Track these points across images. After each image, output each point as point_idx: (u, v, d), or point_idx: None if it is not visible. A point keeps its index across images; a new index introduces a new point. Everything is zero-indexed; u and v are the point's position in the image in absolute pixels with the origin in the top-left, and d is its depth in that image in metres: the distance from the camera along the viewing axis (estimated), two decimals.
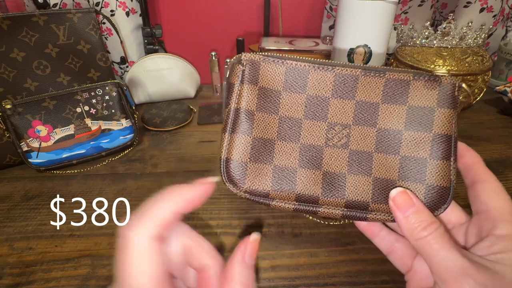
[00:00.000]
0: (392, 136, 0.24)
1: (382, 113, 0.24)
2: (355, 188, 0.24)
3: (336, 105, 0.24)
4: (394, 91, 0.24)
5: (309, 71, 0.24)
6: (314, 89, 0.24)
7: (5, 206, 0.44)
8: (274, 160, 0.24)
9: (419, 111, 0.23)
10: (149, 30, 0.76)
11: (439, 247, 0.19)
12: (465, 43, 0.64)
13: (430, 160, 0.23)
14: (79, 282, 0.34)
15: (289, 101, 0.24)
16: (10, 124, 0.47)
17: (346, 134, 0.24)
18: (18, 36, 0.46)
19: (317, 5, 0.82)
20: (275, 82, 0.24)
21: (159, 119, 0.65)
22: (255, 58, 0.24)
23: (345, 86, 0.24)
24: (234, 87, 0.24)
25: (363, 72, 0.24)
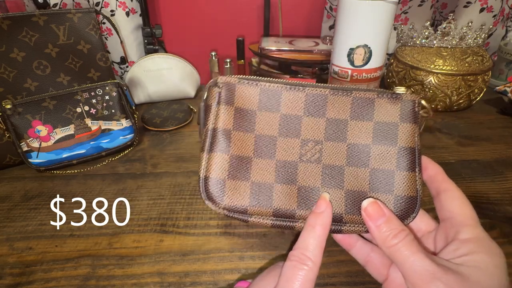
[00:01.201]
0: (362, 150, 0.25)
1: (351, 129, 0.25)
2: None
3: (308, 123, 0.25)
4: (361, 108, 0.25)
5: (281, 92, 0.25)
6: (287, 108, 0.25)
7: (5, 206, 0.44)
8: (251, 176, 0.25)
9: (384, 126, 0.25)
10: (149, 30, 0.76)
11: (409, 253, 0.21)
12: (465, 43, 0.64)
13: (397, 172, 0.24)
14: (79, 282, 0.34)
15: (264, 120, 0.25)
16: (10, 124, 0.47)
17: (319, 149, 0.25)
18: (18, 36, 0.46)
19: (317, 5, 0.82)
20: (250, 103, 0.25)
21: (159, 119, 0.65)
22: (230, 81, 0.25)
23: (315, 104, 0.25)
24: (211, 108, 0.25)
25: (331, 91, 0.25)
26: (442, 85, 0.63)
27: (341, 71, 0.52)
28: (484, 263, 0.20)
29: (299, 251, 0.22)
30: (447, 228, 0.23)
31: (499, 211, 0.42)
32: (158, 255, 0.36)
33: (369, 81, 0.52)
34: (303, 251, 0.22)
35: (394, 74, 0.70)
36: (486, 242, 0.21)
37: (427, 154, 0.53)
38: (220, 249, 0.37)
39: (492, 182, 0.47)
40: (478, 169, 0.50)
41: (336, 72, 0.53)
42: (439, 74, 0.63)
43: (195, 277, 0.34)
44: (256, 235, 0.39)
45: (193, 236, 0.38)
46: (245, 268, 0.35)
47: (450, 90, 0.64)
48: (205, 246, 0.37)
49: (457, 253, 0.21)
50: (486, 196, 0.44)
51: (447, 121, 0.65)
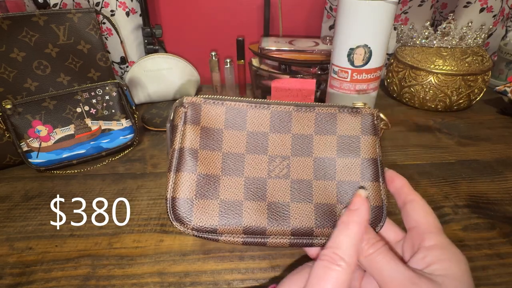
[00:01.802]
0: (327, 164, 0.26)
1: (316, 144, 0.26)
2: (299, 215, 0.25)
3: (275, 139, 0.26)
4: (324, 123, 0.26)
5: (247, 110, 0.26)
6: (253, 126, 0.26)
7: (5, 206, 0.45)
8: (220, 194, 0.25)
9: (347, 140, 0.26)
10: (149, 30, 0.76)
11: (386, 262, 0.21)
12: (465, 43, 0.64)
13: (362, 182, 0.25)
14: (79, 282, 0.34)
15: (231, 138, 0.26)
16: (10, 124, 0.47)
17: (286, 165, 0.26)
18: (18, 36, 0.46)
19: (317, 5, 0.82)
20: (216, 122, 0.26)
21: (159, 119, 0.65)
22: (196, 101, 0.26)
23: (281, 121, 0.26)
24: (178, 128, 0.25)
25: (295, 108, 0.26)
26: (442, 85, 0.63)
27: (341, 71, 0.52)
28: (451, 270, 0.21)
29: (330, 250, 0.21)
30: (413, 237, 0.24)
31: (499, 211, 0.42)
32: (158, 255, 0.36)
33: (369, 81, 0.52)
34: (335, 250, 0.21)
35: (394, 74, 0.70)
36: (450, 249, 0.22)
37: (427, 154, 0.54)
38: (220, 249, 0.37)
39: (492, 182, 0.47)
40: (478, 169, 0.50)
41: (336, 72, 0.53)
42: (439, 74, 0.63)
43: (195, 277, 0.34)
44: None
45: (193, 236, 0.38)
46: (245, 268, 0.35)
47: (450, 90, 0.64)
48: (205, 246, 0.37)
49: (425, 261, 0.22)
50: (486, 196, 0.44)
51: (447, 121, 0.65)
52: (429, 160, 0.53)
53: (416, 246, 0.23)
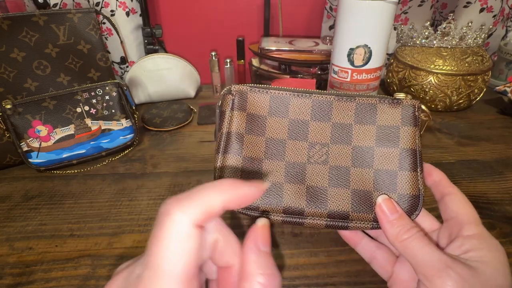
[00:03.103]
0: (366, 152, 0.27)
1: (355, 133, 0.27)
2: (336, 199, 0.26)
3: (315, 127, 0.27)
4: (364, 113, 0.27)
5: (290, 98, 0.27)
6: (295, 114, 0.27)
7: (5, 206, 0.45)
8: (262, 176, 0.26)
9: (386, 130, 0.27)
10: (149, 30, 0.76)
11: (421, 246, 0.22)
12: (465, 43, 0.64)
13: (400, 172, 0.26)
14: (79, 282, 0.34)
15: (274, 125, 0.27)
16: (10, 124, 0.47)
17: (325, 152, 0.27)
18: (18, 36, 0.46)
19: (317, 5, 0.82)
20: (261, 109, 0.27)
21: (159, 119, 0.65)
22: (243, 89, 0.27)
23: (321, 110, 0.27)
24: (226, 114, 0.27)
25: (336, 97, 0.27)
26: (442, 85, 0.63)
27: (341, 71, 0.52)
28: (488, 258, 0.21)
29: None
30: (451, 227, 0.24)
31: (499, 211, 0.42)
32: None
33: (369, 81, 0.52)
34: None
35: (394, 74, 0.70)
36: (488, 239, 0.22)
37: (427, 154, 0.54)
38: None
39: (492, 182, 0.47)
40: (478, 169, 0.50)
41: (336, 72, 0.53)
42: (439, 74, 0.63)
43: None
44: None
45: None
46: None
47: (450, 90, 0.64)
48: None
49: (462, 249, 0.22)
50: (486, 196, 0.44)
51: (447, 121, 0.65)
52: (429, 160, 0.53)
53: (453, 235, 0.24)
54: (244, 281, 0.16)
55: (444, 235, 0.25)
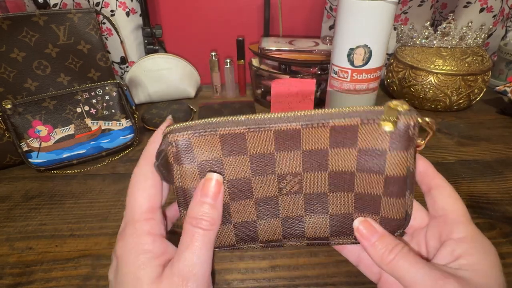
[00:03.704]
0: (345, 177, 0.23)
1: (332, 157, 0.23)
2: (313, 227, 0.24)
3: (283, 158, 0.23)
4: (342, 136, 0.22)
5: (245, 134, 0.22)
6: (255, 149, 0.22)
7: (5, 206, 0.45)
8: (232, 219, 0.24)
9: (370, 153, 0.22)
10: (149, 30, 0.76)
11: (408, 266, 0.20)
12: (465, 43, 0.64)
13: (384, 197, 0.22)
14: (79, 282, 0.34)
15: (233, 164, 0.23)
16: (10, 124, 0.47)
17: (298, 180, 0.23)
18: (18, 36, 0.46)
19: (317, 5, 0.82)
20: (213, 152, 0.22)
21: (159, 119, 0.65)
22: (184, 138, 0.22)
23: (287, 140, 0.22)
24: (173, 168, 0.22)
25: (304, 124, 0.22)
26: (442, 85, 0.64)
27: (341, 71, 0.52)
28: (480, 265, 0.20)
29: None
30: (440, 226, 0.23)
31: (498, 211, 0.42)
32: None
33: (369, 81, 0.52)
34: None
35: (394, 74, 0.70)
36: (480, 241, 0.21)
37: (427, 154, 0.54)
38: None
39: (492, 182, 0.47)
40: (478, 169, 0.50)
41: (336, 72, 0.53)
42: (439, 74, 0.63)
43: None
44: None
45: None
46: (245, 268, 0.35)
47: (450, 90, 0.64)
48: None
49: (453, 255, 0.21)
50: (486, 196, 0.44)
51: (447, 121, 0.65)
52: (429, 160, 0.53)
53: (443, 236, 0.22)
54: (186, 222, 0.21)
55: (433, 234, 0.23)
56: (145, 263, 0.20)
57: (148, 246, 0.20)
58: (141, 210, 0.21)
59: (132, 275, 0.20)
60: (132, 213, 0.21)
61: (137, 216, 0.21)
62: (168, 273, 0.20)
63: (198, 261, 0.20)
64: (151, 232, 0.21)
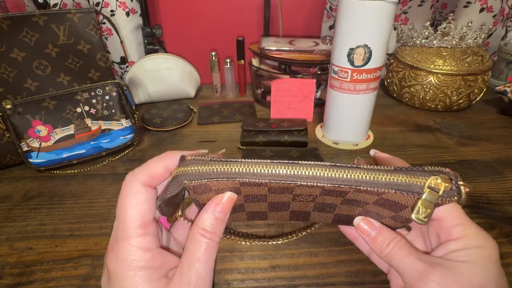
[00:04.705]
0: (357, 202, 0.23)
1: (349, 195, 0.21)
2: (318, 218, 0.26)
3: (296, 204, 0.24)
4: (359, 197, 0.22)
5: (266, 195, 0.22)
6: (274, 199, 0.23)
7: (5, 206, 0.45)
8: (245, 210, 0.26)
9: (389, 201, 0.21)
10: (149, 30, 0.76)
11: (401, 257, 0.22)
12: (465, 43, 0.64)
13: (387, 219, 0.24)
14: (79, 282, 0.34)
15: (251, 206, 0.25)
16: (10, 124, 0.47)
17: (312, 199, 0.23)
18: (18, 36, 0.46)
19: (317, 5, 0.82)
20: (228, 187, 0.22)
21: (159, 119, 0.65)
22: (201, 182, 0.20)
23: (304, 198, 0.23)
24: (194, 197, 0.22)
25: (323, 191, 0.21)
26: (442, 85, 0.63)
27: (341, 71, 0.52)
28: (475, 256, 0.21)
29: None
30: (438, 229, 0.24)
31: (499, 211, 0.42)
32: None
33: (369, 81, 0.52)
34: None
35: (394, 74, 0.70)
36: (478, 235, 0.21)
37: (427, 154, 0.54)
38: (220, 249, 0.37)
39: (492, 182, 0.47)
40: (478, 169, 0.50)
41: (336, 72, 0.53)
42: (439, 74, 0.63)
43: None
44: (256, 235, 0.39)
45: None
46: (245, 268, 0.35)
47: (450, 90, 0.64)
48: None
49: (450, 248, 0.22)
50: (486, 196, 0.44)
51: (447, 121, 0.65)
52: (429, 160, 0.53)
53: (442, 238, 0.23)
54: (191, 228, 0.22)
55: (433, 235, 0.24)
56: (145, 279, 0.20)
57: (146, 263, 0.20)
58: (134, 226, 0.21)
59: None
60: (124, 227, 0.21)
61: (131, 232, 0.21)
62: (178, 283, 0.20)
63: (208, 271, 0.21)
64: (147, 248, 0.21)
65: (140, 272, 0.20)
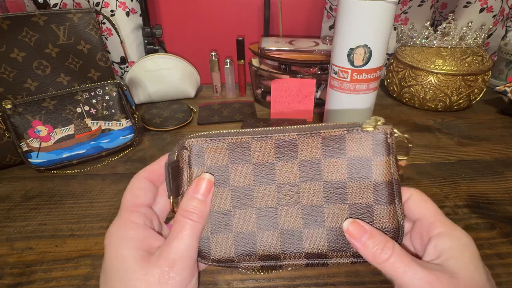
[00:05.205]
0: (338, 187, 0.25)
1: (325, 168, 0.25)
2: (312, 240, 0.25)
3: (282, 167, 0.26)
4: (331, 146, 0.25)
5: (249, 143, 0.26)
6: (258, 157, 0.26)
7: (5, 206, 0.45)
8: (233, 228, 0.25)
9: (357, 161, 0.25)
10: (149, 30, 0.76)
11: (404, 267, 0.21)
12: (465, 43, 0.64)
13: (375, 206, 0.24)
14: (79, 282, 0.34)
15: (238, 172, 0.26)
16: (10, 124, 0.47)
17: (296, 191, 0.26)
18: (18, 36, 0.46)
19: (317, 5, 0.82)
20: (221, 159, 0.26)
21: (159, 119, 0.65)
22: (198, 143, 0.26)
23: (286, 149, 0.26)
24: (184, 172, 0.25)
25: (299, 134, 0.26)
26: (442, 85, 0.64)
27: (341, 71, 0.52)
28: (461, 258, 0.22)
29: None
30: (420, 228, 0.24)
31: (498, 211, 0.42)
32: None
33: (369, 81, 0.52)
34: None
35: (394, 74, 0.70)
36: (457, 235, 0.23)
37: (427, 154, 0.54)
38: None
39: (492, 182, 0.47)
40: (478, 169, 0.50)
41: (336, 72, 0.53)
42: (439, 74, 0.63)
43: None
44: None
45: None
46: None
47: (450, 90, 0.64)
48: None
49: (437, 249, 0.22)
50: (486, 196, 0.44)
51: (447, 121, 0.65)
52: (429, 160, 0.53)
53: (425, 237, 0.24)
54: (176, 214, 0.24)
55: (416, 237, 0.25)
56: (128, 245, 0.22)
57: (130, 232, 0.23)
58: (127, 205, 0.24)
59: (116, 254, 0.22)
60: (121, 208, 0.24)
61: (124, 209, 0.24)
62: (156, 257, 0.22)
63: (185, 248, 0.22)
64: (133, 221, 0.23)
65: (126, 238, 0.22)
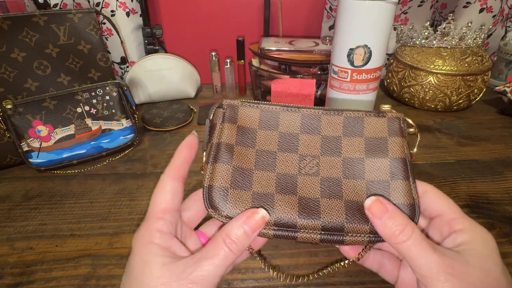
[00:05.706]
0: (356, 164, 0.27)
1: (345, 145, 0.28)
2: (329, 210, 0.25)
3: (305, 140, 0.28)
4: (352, 126, 0.28)
5: (279, 113, 0.29)
6: (285, 127, 0.28)
7: (6, 206, 0.45)
8: (252, 187, 0.26)
9: (375, 141, 0.28)
10: (149, 30, 0.76)
11: (420, 251, 0.21)
12: (464, 43, 0.64)
13: (392, 181, 0.26)
14: (79, 282, 0.34)
15: (264, 137, 0.28)
16: (10, 124, 0.48)
17: (316, 163, 0.27)
18: (19, 36, 0.46)
19: (317, 5, 0.82)
20: (251, 122, 0.28)
21: (160, 119, 0.65)
22: (234, 103, 0.28)
23: (311, 123, 0.29)
24: (216, 126, 0.27)
25: (324, 111, 0.29)
26: (442, 85, 0.64)
27: (341, 71, 0.52)
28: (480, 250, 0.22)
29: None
30: (439, 225, 0.25)
31: (498, 211, 0.42)
32: None
33: (369, 81, 0.52)
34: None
35: (394, 74, 0.70)
36: (478, 231, 0.23)
37: (427, 154, 0.54)
38: None
39: (491, 182, 0.47)
40: (478, 169, 0.50)
41: (336, 72, 0.53)
42: (438, 74, 0.63)
43: None
44: None
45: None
46: (245, 268, 0.35)
47: (450, 90, 0.64)
48: None
49: (456, 242, 0.23)
50: (485, 196, 0.44)
51: (447, 121, 0.65)
52: (429, 160, 0.53)
53: (445, 232, 0.24)
54: (217, 234, 0.24)
55: (434, 233, 0.25)
56: (153, 251, 0.23)
57: (155, 239, 0.23)
58: (156, 210, 0.24)
59: (140, 259, 0.23)
60: (149, 212, 0.25)
61: (152, 214, 0.24)
62: (182, 268, 0.22)
63: (212, 274, 0.22)
64: (159, 229, 0.24)
65: (151, 244, 0.23)
